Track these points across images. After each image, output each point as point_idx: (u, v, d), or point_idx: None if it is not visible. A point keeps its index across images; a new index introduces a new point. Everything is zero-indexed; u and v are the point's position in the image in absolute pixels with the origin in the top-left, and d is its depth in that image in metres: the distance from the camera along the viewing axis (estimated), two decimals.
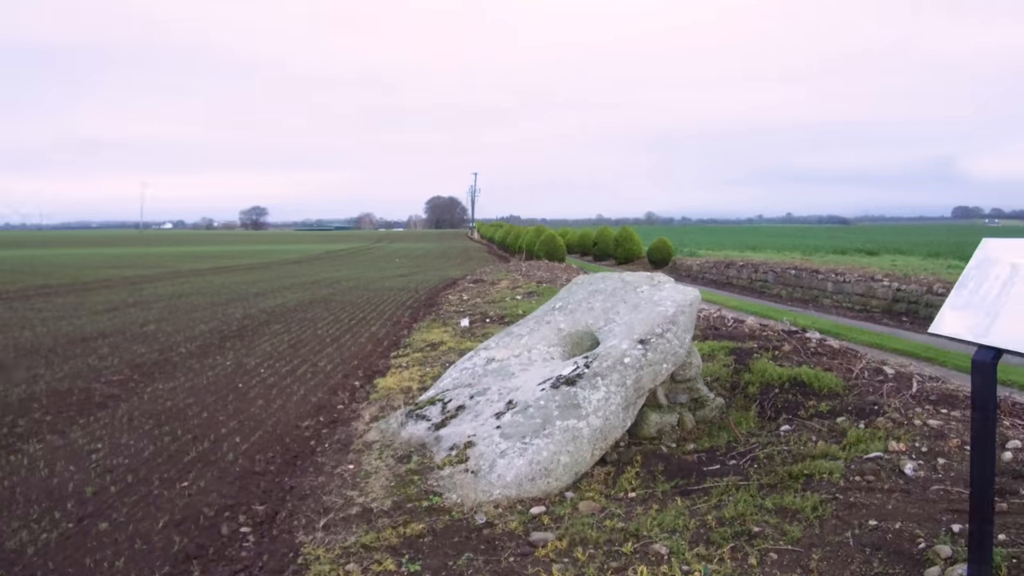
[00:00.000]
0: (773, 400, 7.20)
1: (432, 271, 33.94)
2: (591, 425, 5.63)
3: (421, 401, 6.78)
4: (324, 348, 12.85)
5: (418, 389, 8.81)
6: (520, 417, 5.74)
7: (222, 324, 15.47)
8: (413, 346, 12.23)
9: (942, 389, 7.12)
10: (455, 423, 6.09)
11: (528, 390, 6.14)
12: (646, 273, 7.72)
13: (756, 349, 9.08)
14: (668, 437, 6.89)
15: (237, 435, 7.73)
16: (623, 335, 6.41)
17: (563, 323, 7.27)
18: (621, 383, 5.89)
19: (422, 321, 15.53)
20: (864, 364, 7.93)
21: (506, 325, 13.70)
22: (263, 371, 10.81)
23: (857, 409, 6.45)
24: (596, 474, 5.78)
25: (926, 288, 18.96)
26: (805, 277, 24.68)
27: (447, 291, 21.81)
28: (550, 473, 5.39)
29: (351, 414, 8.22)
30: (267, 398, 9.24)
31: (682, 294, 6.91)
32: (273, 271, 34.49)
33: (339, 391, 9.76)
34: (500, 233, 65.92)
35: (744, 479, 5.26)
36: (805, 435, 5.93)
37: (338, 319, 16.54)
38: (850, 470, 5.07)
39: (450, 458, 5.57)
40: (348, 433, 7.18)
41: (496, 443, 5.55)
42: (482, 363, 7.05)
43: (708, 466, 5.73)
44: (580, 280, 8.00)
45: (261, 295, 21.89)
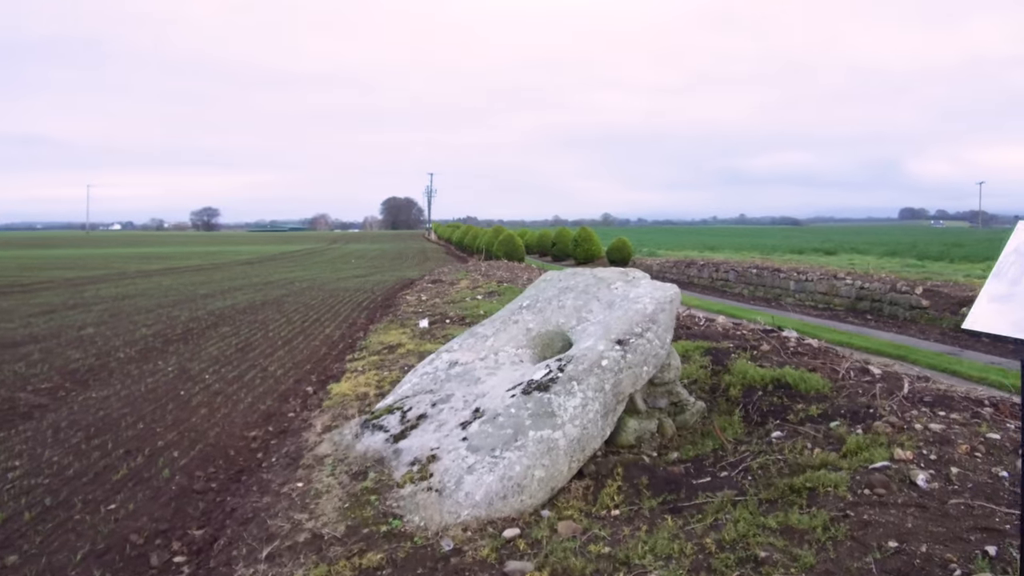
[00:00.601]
0: (758, 403, 6.74)
1: (389, 272, 33.17)
2: (568, 435, 5.07)
3: (378, 409, 6.16)
4: (275, 351, 12.12)
5: (375, 395, 8.18)
6: (489, 427, 5.16)
7: (166, 327, 14.61)
8: (370, 349, 11.57)
9: (934, 390, 6.73)
10: (416, 434, 5.48)
11: (496, 396, 5.56)
12: (619, 269, 7.20)
13: (733, 349, 8.63)
14: (648, 445, 6.37)
15: (175, 448, 7.03)
16: (599, 335, 5.87)
17: (532, 323, 6.71)
18: (599, 388, 5.34)
19: (379, 322, 14.85)
20: (849, 364, 7.52)
21: (467, 326, 13.10)
22: (208, 377, 10.07)
23: (850, 412, 6.00)
24: (574, 489, 5.22)
25: (889, 286, 18.85)
26: (767, 276, 24.51)
27: (405, 292, 21.13)
28: (523, 490, 4.83)
29: (302, 423, 7.55)
30: (211, 406, 8.52)
31: (661, 291, 6.40)
32: (224, 272, 33.36)
33: (290, 398, 9.09)
34: (458, 234, 65.25)
35: (740, 494, 4.75)
36: (800, 442, 5.45)
37: (291, 321, 15.78)
38: (856, 482, 4.59)
39: (411, 474, 4.96)
40: (298, 445, 6.52)
41: (463, 457, 4.96)
42: (444, 367, 6.45)
43: (697, 478, 5.21)
44: (549, 277, 7.44)
45: (210, 296, 20.96)
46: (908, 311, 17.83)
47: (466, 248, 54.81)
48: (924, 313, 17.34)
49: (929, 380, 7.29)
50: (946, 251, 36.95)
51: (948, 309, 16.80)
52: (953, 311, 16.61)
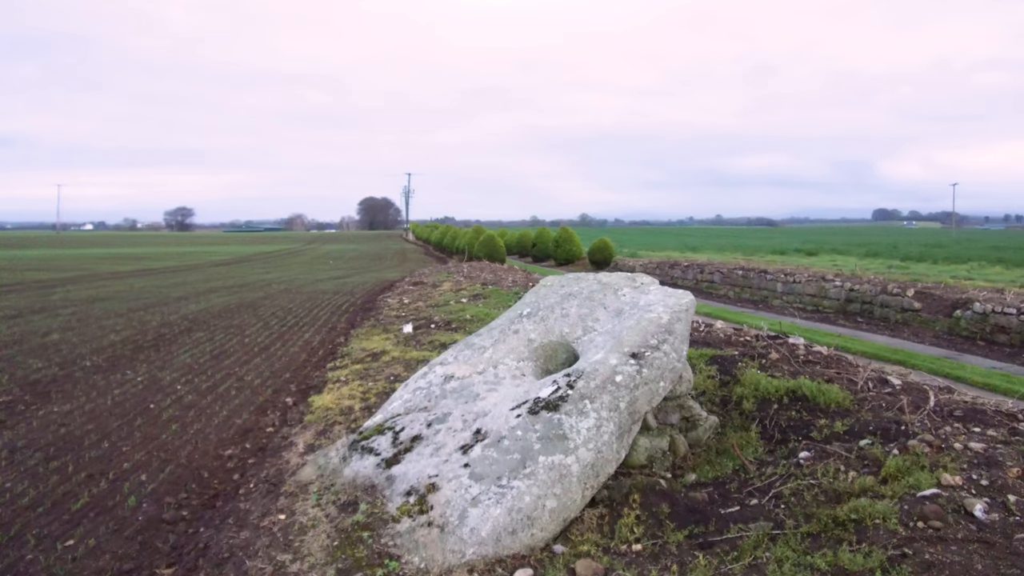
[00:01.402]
0: (775, 418, 6.28)
1: (368, 273, 32.50)
2: (581, 460, 4.57)
3: (367, 429, 5.61)
4: (252, 359, 11.50)
5: (361, 409, 7.62)
6: (493, 452, 4.64)
7: (137, 333, 13.91)
8: (352, 356, 10.99)
9: (961, 403, 6.30)
10: (411, 459, 4.95)
11: (499, 416, 5.04)
12: (626, 274, 6.71)
13: (739, 357, 8.17)
14: (660, 465, 5.89)
15: (143, 471, 6.44)
16: (610, 347, 5.37)
17: (534, 332, 6.20)
18: (613, 407, 4.84)
19: (360, 327, 14.26)
20: (867, 374, 7.08)
21: (454, 331, 12.58)
22: (180, 387, 9.45)
23: (880, 429, 5.55)
24: (587, 518, 4.72)
25: (880, 288, 18.55)
26: (754, 277, 24.18)
27: (385, 294, 20.52)
28: (534, 523, 4.32)
29: (282, 441, 6.98)
30: (183, 421, 7.92)
31: (675, 298, 5.91)
32: (199, 273, 32.50)
33: (269, 410, 8.49)
34: (437, 234, 64.58)
35: (777, 526, 4.27)
36: (832, 464, 4.99)
37: (268, 325, 15.14)
38: (906, 513, 4.13)
39: (408, 507, 4.43)
40: (279, 468, 5.96)
41: (465, 486, 4.44)
42: (439, 381, 5.92)
43: (724, 506, 4.72)
44: (549, 282, 6.93)
45: (184, 299, 20.22)
46: (900, 313, 17.54)
47: (445, 249, 54.20)
48: (917, 316, 17.05)
49: (953, 392, 6.87)
50: (927, 252, 36.95)
51: (941, 312, 16.51)
52: (946, 314, 16.33)
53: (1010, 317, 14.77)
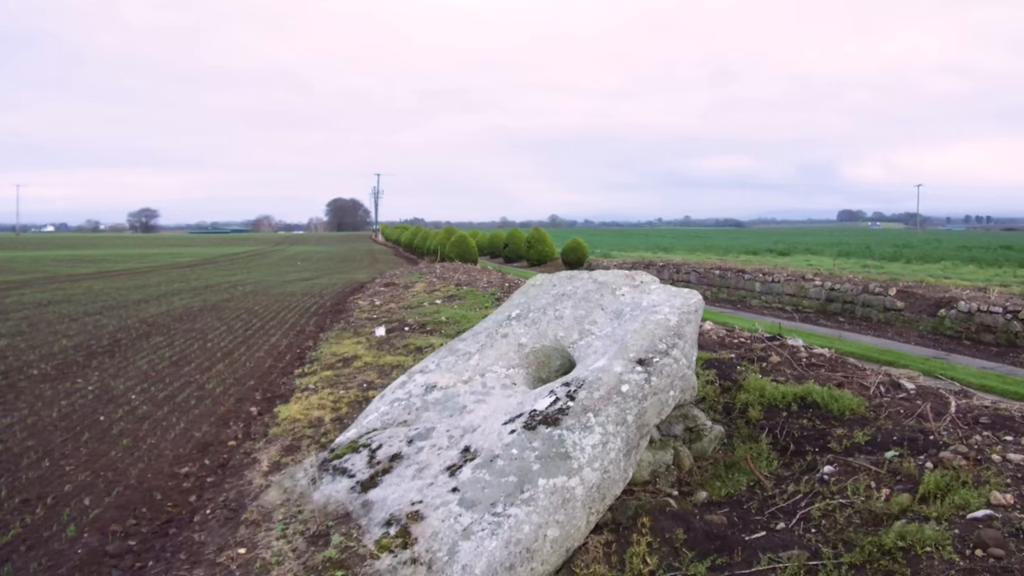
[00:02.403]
0: (786, 427, 5.77)
1: (337, 274, 31.69)
2: (586, 482, 4.01)
3: (339, 445, 5.00)
4: (214, 365, 10.78)
5: (331, 420, 7.00)
6: (485, 473, 4.06)
7: (90, 338, 13.09)
8: (321, 361, 10.34)
9: (983, 408, 5.85)
10: (391, 481, 4.35)
11: (491, 432, 4.46)
12: (624, 272, 6.17)
13: (736, 360, 7.68)
14: (664, 480, 5.35)
15: (87, 493, 5.76)
16: (613, 353, 4.81)
17: (524, 337, 5.62)
18: (620, 420, 4.29)
19: (330, 330, 13.58)
20: (879, 379, 6.62)
21: (429, 334, 11.96)
22: (134, 397, 8.73)
23: (905, 439, 5.07)
24: (592, 547, 4.16)
25: (861, 287, 18.27)
26: (731, 277, 23.86)
27: (356, 296, 19.82)
28: (534, 555, 3.74)
29: (244, 457, 6.33)
30: (135, 435, 7.22)
31: (681, 298, 5.38)
32: (161, 275, 31.42)
33: (231, 422, 7.83)
34: (407, 235, 63.75)
35: (814, 556, 3.74)
36: (861, 481, 4.48)
37: (232, 329, 14.39)
38: (960, 539, 3.62)
39: (388, 539, 3.83)
40: (239, 490, 5.32)
41: (455, 515, 3.85)
42: (420, 391, 5.32)
43: (747, 531, 4.18)
44: (539, 281, 6.36)
45: (144, 302, 19.33)
46: (883, 313, 17.25)
47: (416, 250, 53.43)
48: (900, 315, 16.77)
49: (971, 396, 6.43)
50: (899, 252, 37.04)
51: (925, 311, 16.24)
52: (930, 313, 16.06)
53: (996, 316, 14.51)
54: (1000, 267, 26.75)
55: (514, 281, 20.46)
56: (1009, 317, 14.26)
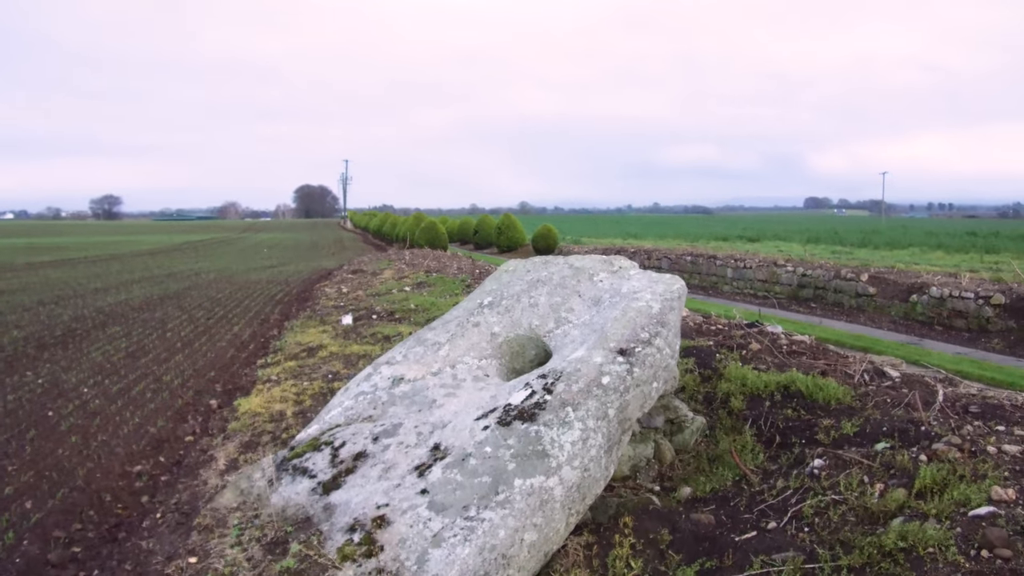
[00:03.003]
0: (770, 418, 5.55)
1: (304, 262, 31.11)
2: (565, 481, 3.73)
3: (300, 443, 4.67)
4: (173, 356, 10.35)
5: (294, 414, 6.65)
6: (457, 474, 3.76)
7: (43, 328, 12.55)
8: (285, 351, 9.96)
9: (972, 397, 5.68)
10: (354, 482, 4.03)
11: (462, 428, 4.16)
12: (601, 257, 5.89)
13: (715, 348, 7.46)
14: (645, 475, 5.10)
15: (29, 496, 5.37)
16: (592, 342, 4.53)
17: (497, 326, 5.32)
18: (601, 414, 4.01)
19: (295, 319, 13.18)
20: (863, 366, 6.42)
21: (398, 322, 11.62)
22: (86, 391, 8.29)
23: (896, 430, 4.86)
24: (571, 549, 3.90)
25: (833, 273, 18.22)
26: (703, 263, 23.76)
27: (323, 283, 19.36)
28: (510, 562, 3.46)
29: (201, 455, 5.97)
30: (85, 432, 6.82)
31: (663, 284, 5.11)
32: (121, 264, 30.59)
33: (189, 416, 7.45)
34: (375, 222, 63.00)
35: (809, 558, 3.50)
36: (854, 475, 4.25)
37: (193, 318, 13.91)
38: (963, 538, 3.40)
39: (351, 547, 3.52)
40: (194, 491, 4.97)
41: (424, 519, 3.55)
42: (386, 384, 5.00)
43: (737, 531, 3.94)
44: (512, 267, 6.06)
45: (102, 291, 18.71)
46: (855, 299, 17.22)
47: (385, 237, 52.79)
48: (871, 301, 16.74)
49: (957, 384, 6.26)
50: (867, 238, 37.29)
51: (897, 297, 16.22)
52: (902, 299, 16.04)
53: (967, 302, 14.51)
54: (967, 253, 26.97)
55: (485, 268, 20.15)
56: (981, 303, 14.26)
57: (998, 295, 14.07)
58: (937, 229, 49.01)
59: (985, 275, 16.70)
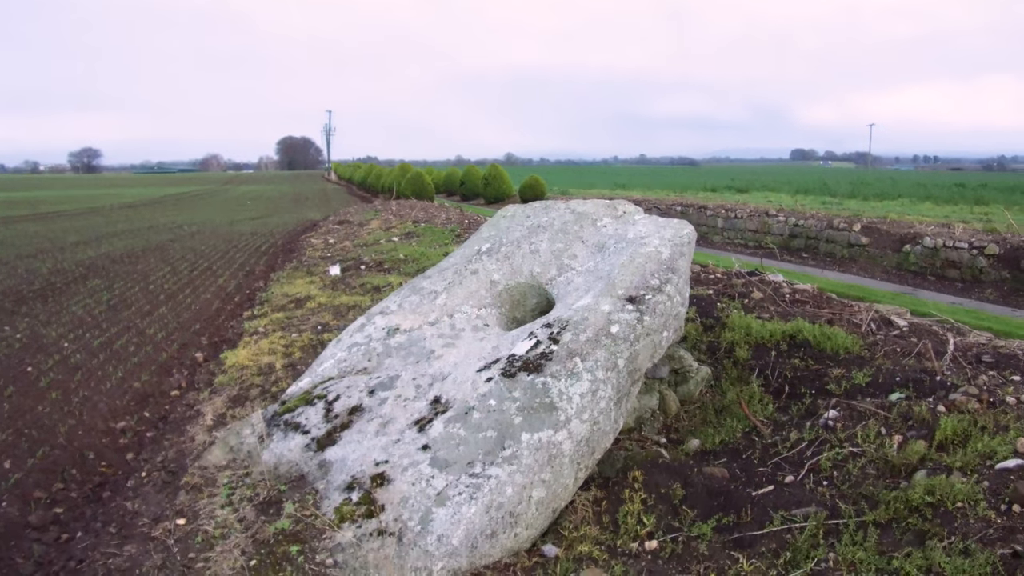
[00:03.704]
0: (777, 368, 5.37)
1: (288, 213, 30.59)
2: (574, 435, 3.53)
3: (291, 396, 4.45)
4: (156, 309, 10.05)
5: (283, 367, 6.42)
6: (460, 428, 3.56)
7: (21, 282, 12.18)
8: (272, 303, 9.69)
9: (983, 346, 5.52)
10: (350, 438, 3.82)
11: (464, 380, 3.95)
12: (604, 202, 5.63)
13: (716, 297, 7.27)
14: (650, 427, 4.94)
15: (7, 456, 5.12)
16: (599, 290, 4.31)
17: (497, 273, 5.08)
18: (611, 365, 3.81)
19: (281, 270, 12.88)
20: (870, 315, 6.25)
21: (387, 272, 11.35)
22: (67, 345, 8.01)
23: (910, 381, 4.69)
24: (580, 505, 3.72)
25: (825, 223, 18.05)
26: (693, 213, 23.52)
27: (308, 234, 19.00)
28: (518, 520, 3.28)
29: (187, 410, 5.75)
30: (66, 388, 6.56)
31: (671, 228, 4.88)
32: (102, 217, 29.98)
33: (174, 370, 7.20)
34: (360, 173, 62.12)
35: (832, 514, 3.34)
36: (872, 427, 4.08)
37: (176, 271, 13.57)
38: (992, 493, 3.24)
39: (350, 507, 3.32)
40: (180, 448, 4.75)
41: (427, 477, 3.35)
42: (380, 335, 4.77)
43: (753, 486, 3.77)
44: (511, 212, 5.79)
45: (82, 244, 18.26)
46: (847, 249, 17.07)
47: (370, 188, 52.08)
48: (864, 251, 16.60)
49: (966, 334, 6.10)
50: (856, 189, 37.11)
51: (890, 247, 16.09)
52: (895, 249, 15.91)
53: (961, 252, 14.39)
54: (956, 204, 26.88)
55: (474, 218, 19.83)
56: (975, 253, 14.15)
57: (992, 245, 13.95)
58: (925, 181, 48.90)
59: (978, 226, 16.59)
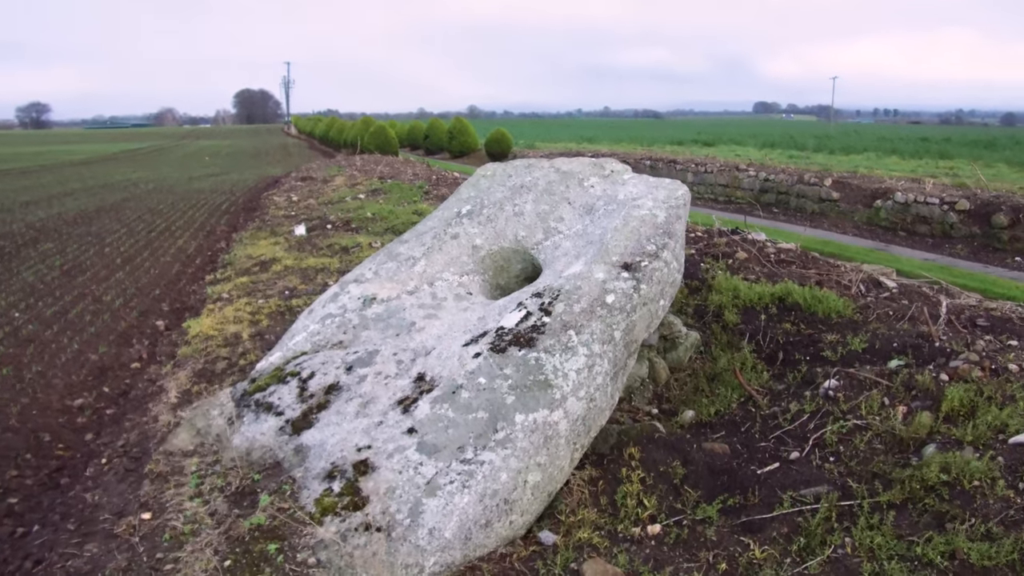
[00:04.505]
0: (768, 333, 5.19)
1: (249, 169, 29.75)
2: (570, 414, 3.30)
3: (261, 374, 4.15)
4: (113, 273, 9.61)
5: (251, 337, 6.10)
6: (448, 409, 3.30)
7: None
8: (236, 265, 9.29)
9: (975, 309, 5.40)
10: (328, 420, 3.55)
11: (449, 355, 3.68)
12: (591, 160, 5.34)
13: (698, 257, 7.06)
14: (640, 396, 4.74)
15: None
16: (589, 255, 4.05)
17: (479, 237, 4.79)
18: (607, 338, 3.57)
19: (244, 230, 12.40)
20: (860, 276, 6.09)
21: (355, 232, 10.98)
22: (18, 316, 7.58)
23: (908, 347, 4.54)
24: (575, 486, 3.51)
25: (796, 178, 17.96)
26: (662, 168, 23.30)
27: (271, 192, 18.39)
28: (513, 507, 3.06)
29: (150, 385, 5.42)
30: (18, 362, 6.18)
31: (664, 189, 4.61)
32: (53, 175, 28.85)
33: (134, 339, 6.85)
34: (322, 127, 60.68)
35: (845, 494, 3.17)
36: (875, 397, 3.92)
37: (133, 232, 13.03)
38: (1009, 470, 3.09)
39: (331, 498, 3.06)
40: (143, 430, 4.44)
41: (414, 464, 3.10)
42: (356, 305, 4.47)
43: (757, 463, 3.58)
44: (491, 172, 5.48)
45: (32, 205, 17.49)
46: (818, 204, 17.02)
47: (332, 142, 50.92)
48: (835, 206, 16.56)
49: (956, 295, 5.98)
50: (821, 143, 37.11)
51: (860, 202, 16.05)
52: (866, 204, 15.87)
53: (932, 207, 14.39)
54: (921, 159, 26.95)
55: (441, 174, 19.39)
56: (946, 208, 14.15)
57: (963, 201, 13.96)
58: (888, 134, 49.12)
59: (946, 180, 16.61)
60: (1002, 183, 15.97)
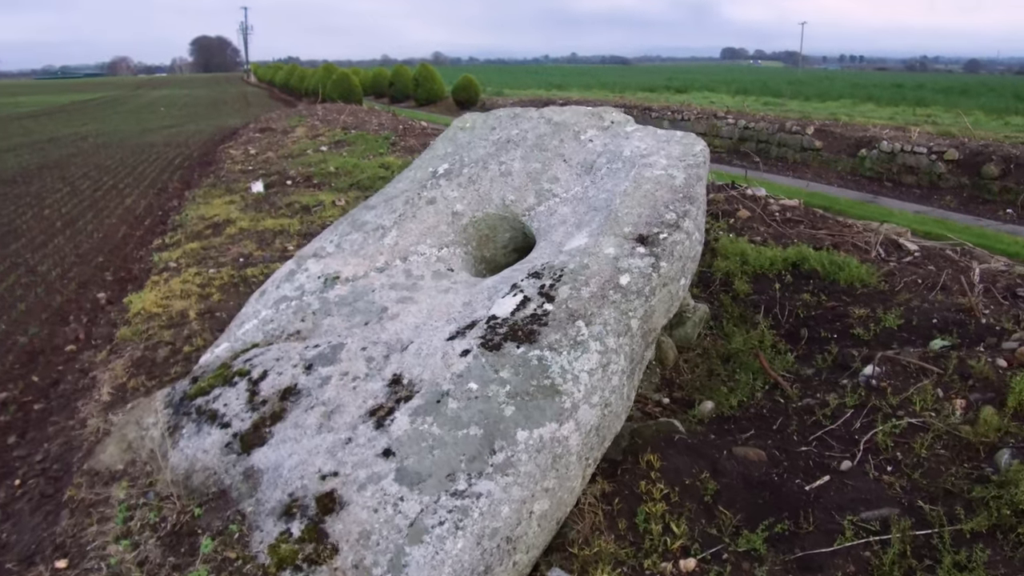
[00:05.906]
0: (785, 305, 4.62)
1: (205, 120, 28.37)
2: (583, 426, 2.70)
3: (206, 371, 3.48)
4: (51, 239, 8.77)
5: (198, 315, 5.39)
6: (433, 424, 2.67)
7: None
8: (187, 228, 8.50)
9: (1004, 274, 4.87)
10: (285, 434, 2.91)
11: (431, 353, 3.04)
12: (587, 109, 4.65)
13: None
14: (648, 383, 4.15)
15: None
16: (595, 225, 3.41)
17: (460, 203, 4.10)
18: (623, 329, 2.95)
19: (197, 187, 11.51)
20: (879, 238, 5.53)
21: (316, 188, 10.19)
22: None
23: (950, 324, 4.00)
24: (586, 506, 2.93)
25: (778, 126, 17.35)
26: (637, 115, 22.52)
27: (227, 144, 17.36)
28: (516, 545, 2.47)
29: (81, 376, 4.72)
30: None
31: (679, 144, 3.96)
32: None
33: (71, 316, 6.12)
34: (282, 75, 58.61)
35: (914, 517, 2.62)
36: (926, 388, 3.37)
37: (77, 191, 12.07)
38: None
39: (289, 545, 2.44)
40: (68, 438, 3.76)
41: (393, 499, 2.48)
42: (316, 286, 3.80)
43: (801, 475, 3.01)
44: (470, 123, 4.76)
45: None
46: (799, 153, 16.47)
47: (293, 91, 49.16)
48: (817, 155, 16.02)
49: (984, 259, 5.45)
50: (797, 89, 36.55)
51: (844, 151, 15.52)
52: (850, 153, 15.35)
53: (919, 157, 13.90)
54: (897, 106, 26.52)
55: (408, 123, 18.48)
56: (933, 158, 13.67)
57: (951, 150, 13.48)
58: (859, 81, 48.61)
59: (928, 128, 16.12)
60: (983, 131, 15.54)
